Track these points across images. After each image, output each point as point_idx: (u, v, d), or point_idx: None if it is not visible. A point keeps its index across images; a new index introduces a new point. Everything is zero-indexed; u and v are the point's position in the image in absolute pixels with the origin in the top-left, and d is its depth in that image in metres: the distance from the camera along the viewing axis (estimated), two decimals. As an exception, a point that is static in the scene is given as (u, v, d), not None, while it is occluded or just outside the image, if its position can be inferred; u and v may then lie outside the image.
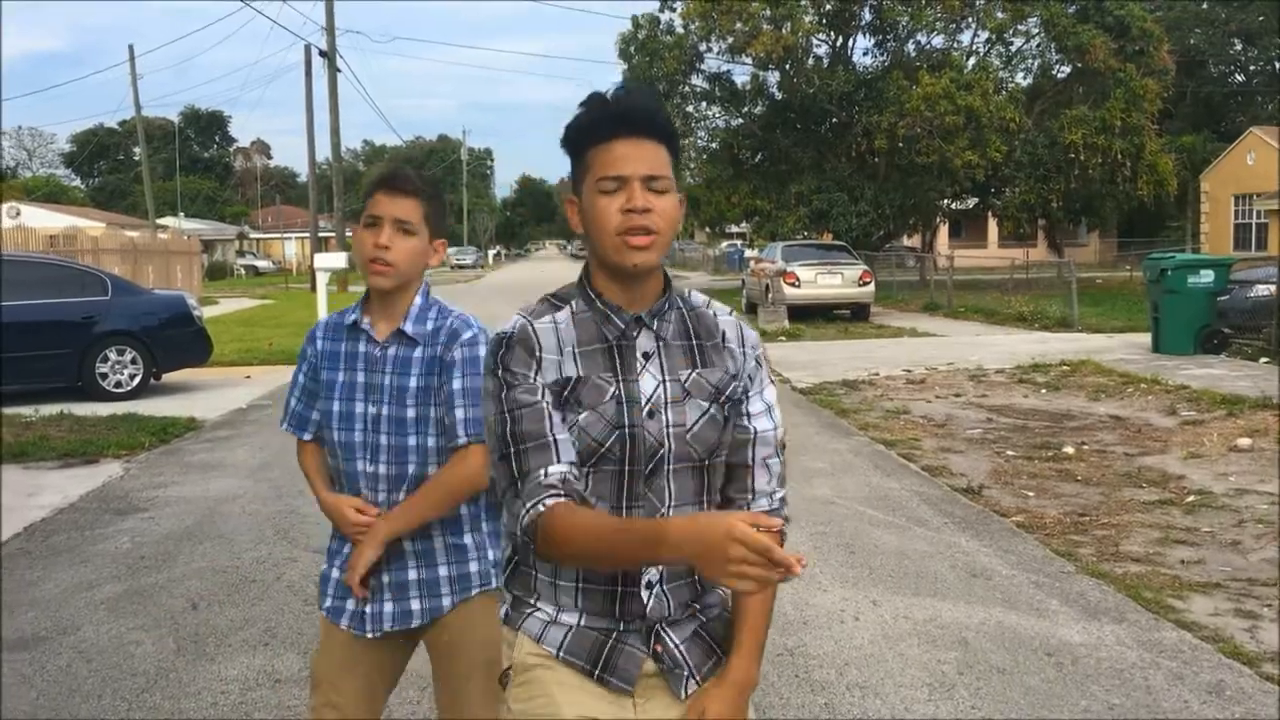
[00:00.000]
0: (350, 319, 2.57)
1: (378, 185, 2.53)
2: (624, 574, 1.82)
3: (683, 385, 1.86)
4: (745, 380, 1.93)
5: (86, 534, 6.73)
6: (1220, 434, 9.14)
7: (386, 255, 2.47)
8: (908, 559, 5.91)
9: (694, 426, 1.85)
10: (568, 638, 1.86)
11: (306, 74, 36.38)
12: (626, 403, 1.82)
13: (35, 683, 4.38)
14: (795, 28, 30.62)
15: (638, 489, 1.83)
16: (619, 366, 1.85)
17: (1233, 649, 4.57)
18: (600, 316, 1.87)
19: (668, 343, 1.88)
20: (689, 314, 1.93)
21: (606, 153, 1.80)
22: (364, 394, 2.53)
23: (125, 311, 12.60)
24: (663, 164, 1.82)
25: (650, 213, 1.79)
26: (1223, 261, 16.09)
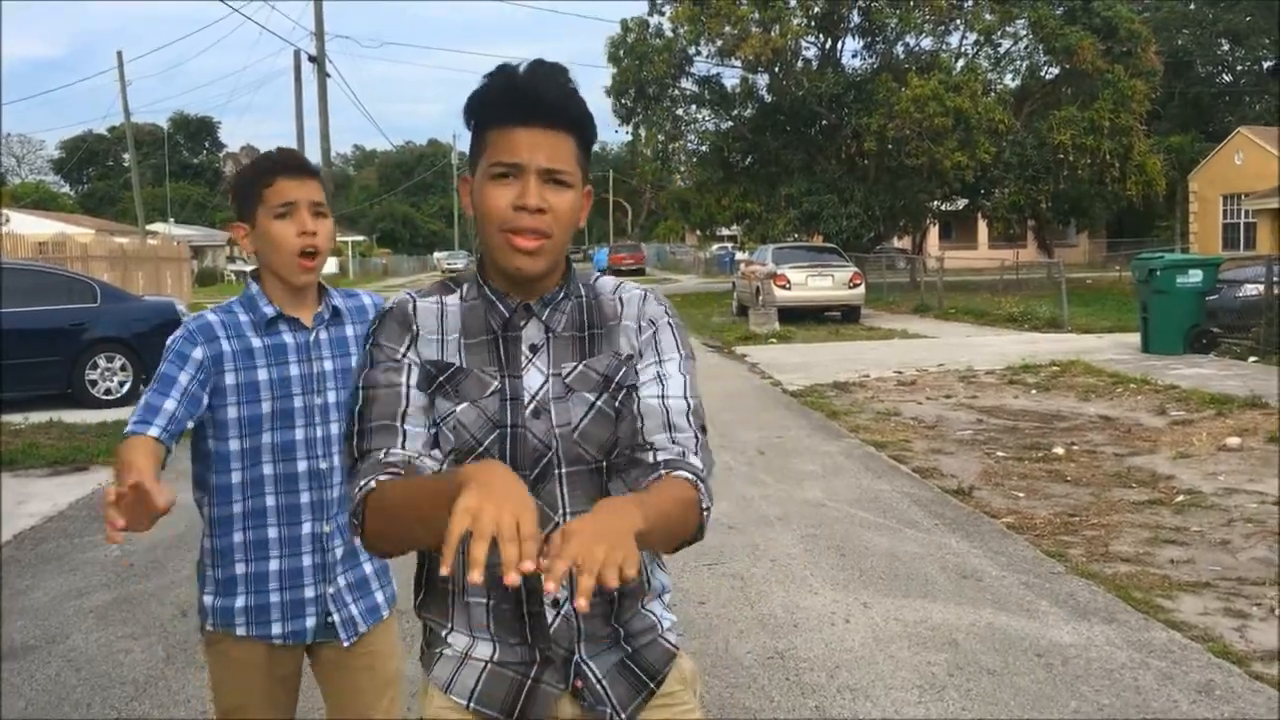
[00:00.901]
0: (269, 311, 2.33)
1: (277, 171, 2.28)
2: (527, 592, 1.64)
3: (564, 380, 1.69)
4: (637, 357, 1.74)
5: (76, 542, 6.70)
6: (1209, 433, 9.17)
7: (315, 242, 2.28)
8: (898, 561, 5.92)
9: (580, 424, 1.68)
10: (480, 683, 1.70)
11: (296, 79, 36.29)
12: (510, 400, 1.66)
13: (24, 692, 4.36)
14: (784, 30, 30.69)
15: None
16: (503, 359, 1.69)
17: (1222, 648, 4.58)
18: (487, 304, 1.71)
19: (557, 334, 1.72)
20: (590, 301, 1.77)
21: (505, 137, 1.63)
22: (301, 386, 2.33)
23: (115, 318, 12.56)
24: (566, 155, 1.64)
25: (543, 214, 1.62)
26: (1211, 261, 16.15)
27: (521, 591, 1.65)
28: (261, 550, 2.34)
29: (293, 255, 2.27)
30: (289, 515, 2.34)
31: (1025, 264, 35.08)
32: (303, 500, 2.34)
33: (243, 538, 2.34)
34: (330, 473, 2.35)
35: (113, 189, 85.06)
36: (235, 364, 2.30)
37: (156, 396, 2.23)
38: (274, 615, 2.34)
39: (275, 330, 2.34)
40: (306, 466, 2.33)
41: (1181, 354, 14.85)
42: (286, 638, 2.36)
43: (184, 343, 2.29)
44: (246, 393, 2.30)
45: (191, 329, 2.31)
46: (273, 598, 2.34)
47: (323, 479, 2.35)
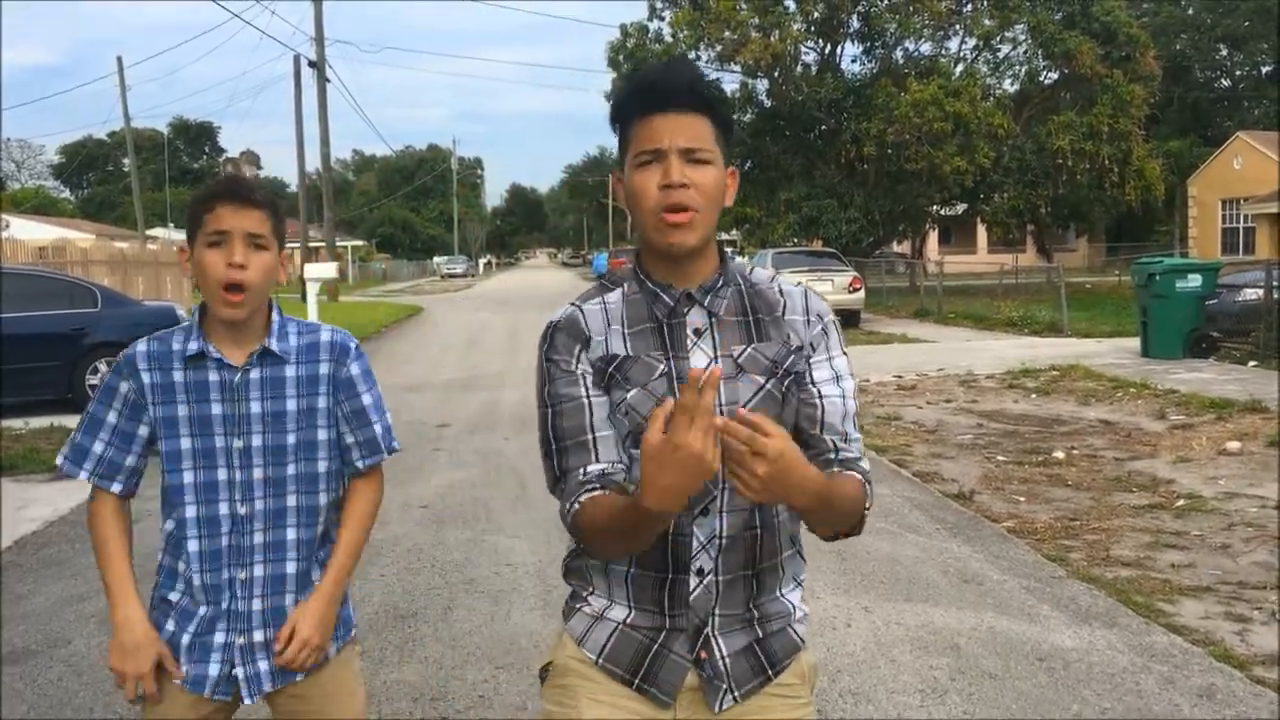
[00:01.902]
0: (192, 347, 2.19)
1: (218, 197, 2.16)
2: (674, 559, 1.76)
3: (736, 361, 1.78)
4: (808, 349, 1.84)
5: (77, 547, 6.70)
6: (1209, 438, 9.17)
7: (241, 276, 2.13)
8: (899, 565, 5.92)
9: (749, 403, 1.76)
10: (610, 641, 1.82)
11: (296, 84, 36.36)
12: (676, 379, 1.75)
13: (26, 696, 4.36)
14: (783, 35, 30.71)
15: None
16: (669, 344, 1.78)
17: (1223, 652, 4.59)
18: (650, 296, 1.81)
19: (721, 318, 1.80)
20: (748, 290, 1.86)
21: (645, 127, 1.74)
22: (223, 427, 2.20)
23: (115, 323, 12.55)
24: (703, 135, 1.75)
25: (687, 188, 1.72)
26: (1211, 266, 16.18)
27: (667, 557, 1.76)
28: (186, 589, 2.27)
29: (218, 287, 2.14)
30: (209, 559, 2.24)
31: (1024, 268, 35.13)
32: (222, 544, 2.23)
33: (172, 568, 2.30)
34: (250, 518, 2.22)
35: (113, 194, 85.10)
36: (155, 397, 2.21)
37: (85, 437, 2.23)
38: (179, 656, 2.25)
39: (199, 365, 2.21)
40: (228, 509, 2.22)
41: (1181, 358, 14.87)
42: (186, 683, 2.23)
43: (113, 376, 2.24)
44: (166, 427, 2.22)
45: (119, 362, 2.24)
46: (184, 638, 2.25)
47: (242, 525, 2.22)
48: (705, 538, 1.76)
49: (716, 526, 1.76)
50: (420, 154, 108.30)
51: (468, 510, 7.30)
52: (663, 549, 1.76)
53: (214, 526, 2.22)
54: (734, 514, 1.77)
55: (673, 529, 1.74)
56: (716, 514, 1.76)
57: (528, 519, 7.04)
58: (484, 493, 7.75)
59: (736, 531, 1.78)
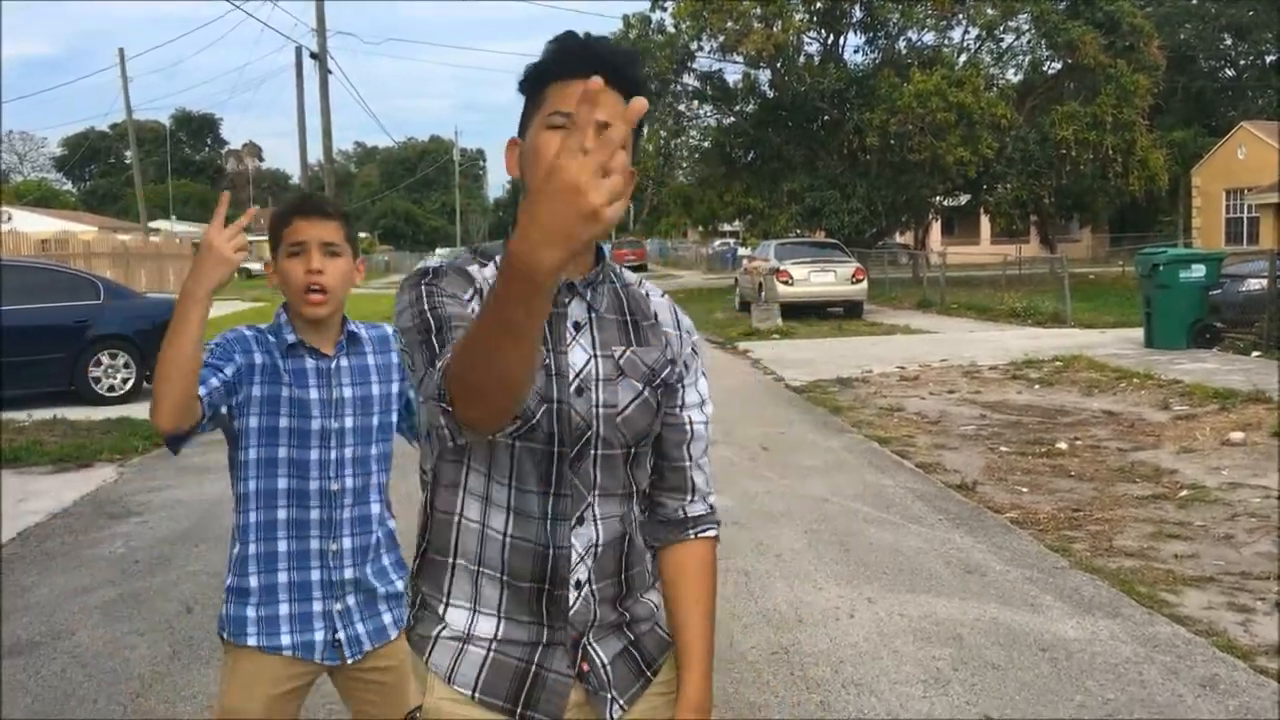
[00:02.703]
0: (289, 338, 2.42)
1: (294, 212, 2.41)
2: (553, 572, 1.65)
3: (616, 362, 1.68)
4: (680, 367, 1.76)
5: (80, 538, 6.72)
6: (1213, 428, 9.16)
7: (321, 280, 2.36)
8: (902, 556, 5.92)
9: (626, 409, 1.67)
10: (484, 670, 1.67)
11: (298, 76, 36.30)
12: (555, 376, 1.62)
13: (30, 688, 4.37)
14: (786, 26, 30.68)
15: (564, 473, 1.64)
16: (548, 335, 1.63)
17: (1227, 643, 4.58)
18: None
19: (601, 315, 1.70)
20: (622, 289, 1.76)
21: (566, 88, 1.59)
22: (319, 410, 2.41)
23: (118, 315, 12.56)
24: (615, 114, 1.51)
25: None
26: (1214, 256, 16.14)
27: (545, 569, 1.66)
28: (271, 563, 2.42)
29: (300, 292, 2.37)
30: (299, 529, 2.41)
31: (1028, 259, 35.06)
32: (312, 517, 2.41)
33: (256, 549, 2.42)
34: (341, 494, 2.43)
35: (115, 186, 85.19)
36: (262, 377, 2.40)
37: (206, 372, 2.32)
38: (283, 627, 2.41)
39: (297, 354, 2.43)
40: (319, 486, 2.41)
41: (1185, 349, 14.84)
42: (295, 649, 2.42)
43: (227, 344, 2.41)
44: (268, 405, 2.39)
45: (230, 337, 2.43)
46: (282, 609, 2.42)
47: (333, 499, 2.42)
48: (583, 548, 1.68)
49: (593, 535, 1.68)
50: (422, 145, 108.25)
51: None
52: (540, 560, 1.65)
53: (304, 499, 2.41)
54: (608, 521, 1.70)
55: (551, 540, 1.65)
56: (592, 522, 1.68)
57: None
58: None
59: (610, 538, 1.70)
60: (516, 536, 1.65)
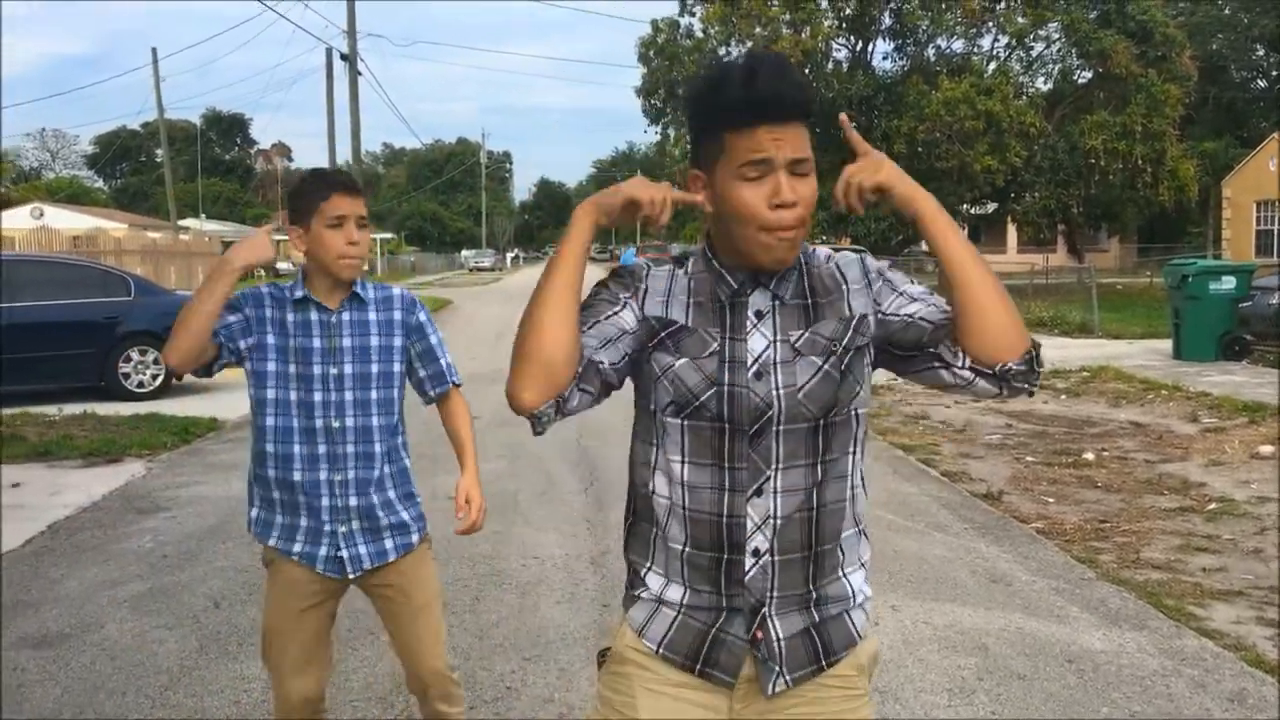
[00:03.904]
0: (298, 293, 2.79)
1: (334, 188, 2.75)
2: (729, 540, 1.76)
3: (793, 345, 1.77)
4: (873, 307, 1.81)
5: (110, 532, 6.78)
6: (1242, 441, 9.09)
7: (357, 250, 2.76)
8: (927, 564, 5.90)
9: (806, 385, 1.76)
10: (670, 632, 1.82)
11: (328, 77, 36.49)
12: (730, 362, 1.75)
13: (60, 679, 4.42)
14: (815, 32, 30.64)
15: (740, 449, 1.75)
16: (728, 323, 1.77)
17: (1255, 657, 4.55)
18: (715, 275, 1.80)
19: (784, 302, 1.79)
20: (810, 272, 1.83)
21: (748, 138, 1.69)
22: (321, 357, 2.79)
23: (148, 312, 12.67)
24: (805, 145, 1.72)
25: (797, 206, 1.70)
26: (1244, 268, 15.99)
27: (722, 538, 1.77)
28: (288, 488, 2.82)
29: (338, 257, 2.74)
30: (309, 462, 2.79)
31: (1055, 268, 34.87)
32: (320, 451, 2.79)
33: (274, 474, 2.82)
34: (343, 431, 2.80)
35: (145, 184, 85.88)
36: (271, 328, 2.79)
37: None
38: (297, 536, 2.84)
39: (305, 308, 2.80)
40: (323, 424, 2.79)
41: (1214, 361, 14.72)
42: (302, 558, 2.83)
43: (238, 298, 2.78)
44: (278, 353, 2.79)
45: (244, 292, 2.82)
46: (301, 521, 2.83)
47: (335, 436, 2.80)
48: (760, 518, 1.76)
49: (771, 507, 1.76)
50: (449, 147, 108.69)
51: (495, 502, 7.31)
52: (717, 529, 1.77)
53: (311, 436, 2.79)
54: (789, 494, 1.77)
55: (726, 510, 1.76)
56: (770, 494, 1.76)
57: (555, 512, 7.06)
58: (511, 485, 7.78)
59: (791, 511, 1.77)
60: (694, 509, 1.78)
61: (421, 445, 2.68)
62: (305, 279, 2.82)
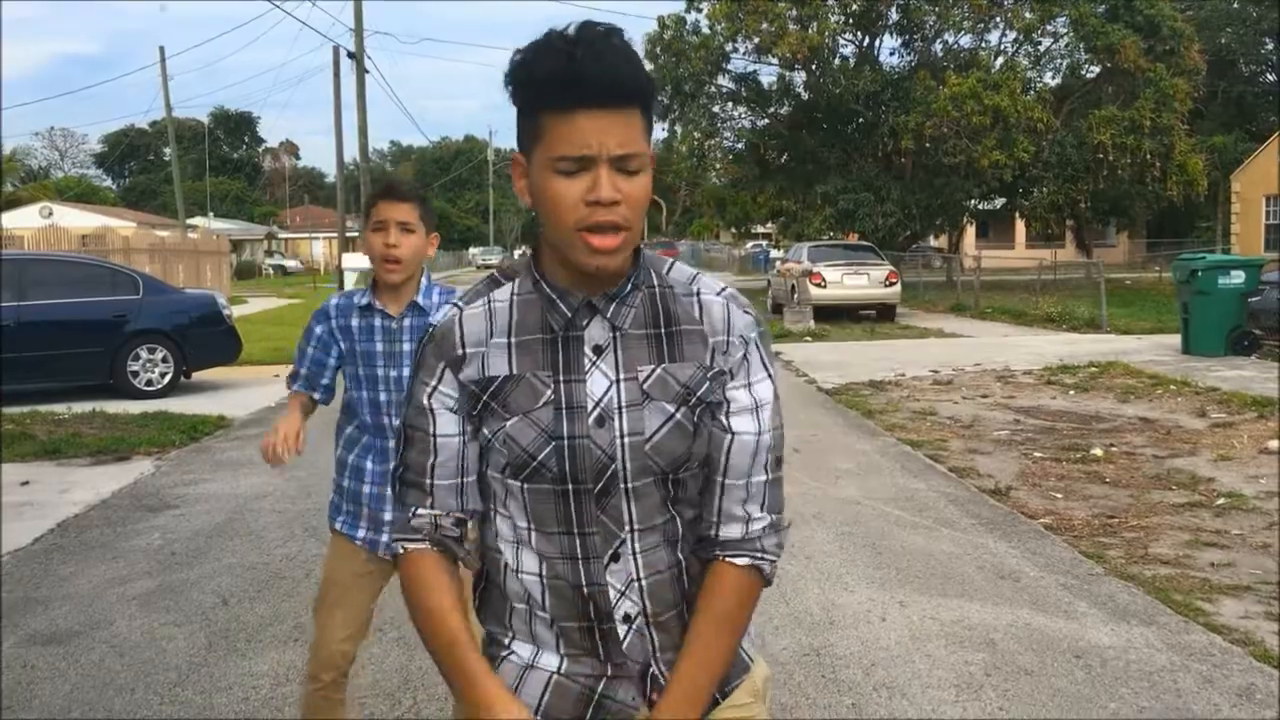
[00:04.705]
0: (363, 301, 3.03)
1: (379, 195, 2.99)
2: (595, 609, 1.57)
3: (641, 385, 1.53)
4: (727, 375, 1.58)
5: (119, 530, 6.80)
6: (1251, 436, 9.07)
7: (396, 253, 2.93)
8: (935, 560, 5.90)
9: (654, 436, 1.53)
10: (547, 693, 1.60)
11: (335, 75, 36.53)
12: (567, 409, 1.52)
13: (69, 676, 4.43)
14: (821, 27, 30.58)
15: (587, 511, 1.54)
16: (561, 363, 1.53)
17: (1263, 652, 4.53)
18: (545, 300, 1.55)
19: (625, 333, 1.54)
20: (663, 294, 1.58)
21: (565, 124, 1.43)
22: (384, 361, 3.02)
23: (156, 310, 12.72)
24: (635, 137, 1.45)
25: (618, 205, 1.45)
26: (1254, 262, 15.93)
27: (588, 608, 1.57)
28: (359, 475, 3.07)
29: (380, 260, 2.96)
30: (380, 455, 3.03)
31: (1063, 264, 34.72)
32: (390, 445, 2.97)
33: (353, 458, 3.09)
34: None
35: (153, 183, 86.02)
36: (343, 336, 3.08)
37: (296, 363, 3.17)
38: (361, 523, 3.07)
39: (369, 315, 3.04)
40: (387, 421, 3.01)
41: (1222, 356, 14.68)
42: (365, 543, 3.06)
43: (312, 320, 3.14)
44: (348, 358, 3.08)
45: (317, 310, 3.15)
46: (363, 511, 3.07)
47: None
48: (622, 585, 1.57)
49: (632, 570, 1.57)
50: (457, 145, 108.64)
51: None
52: (580, 599, 1.57)
53: (382, 432, 3.02)
54: (649, 553, 1.57)
55: (585, 579, 1.56)
56: (629, 557, 1.57)
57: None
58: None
59: (656, 571, 1.58)
60: (549, 577, 1.58)
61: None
62: (374, 286, 3.06)
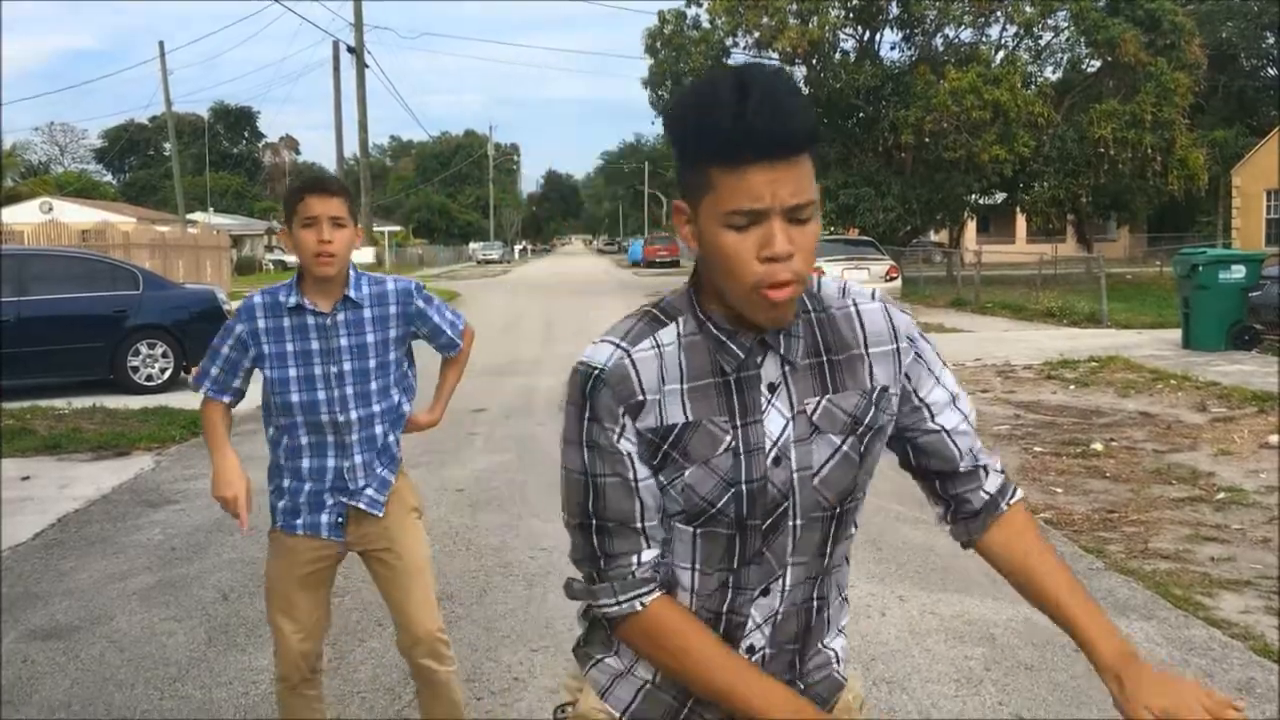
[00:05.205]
0: (291, 301, 2.92)
1: (307, 190, 2.88)
2: (726, 635, 1.55)
3: (810, 418, 1.49)
4: (900, 381, 1.57)
5: (119, 525, 6.81)
6: (1251, 431, 9.07)
7: (330, 249, 2.85)
8: (935, 555, 5.90)
9: (822, 469, 1.50)
10: (636, 700, 1.59)
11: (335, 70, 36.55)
12: (746, 453, 1.47)
13: (69, 671, 4.44)
14: (822, 22, 30.55)
15: (753, 546, 1.51)
16: (737, 407, 1.48)
17: (1263, 646, 4.54)
18: (714, 342, 1.48)
19: (795, 366, 1.49)
20: (819, 318, 1.53)
21: (736, 177, 1.36)
22: (321, 358, 2.94)
23: (156, 305, 12.72)
24: (807, 185, 1.38)
25: (793, 258, 1.38)
26: (1254, 257, 15.93)
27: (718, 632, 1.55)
28: (297, 475, 3.02)
29: (312, 256, 2.86)
30: (318, 451, 2.99)
31: (1064, 258, 34.73)
32: (328, 440, 2.98)
33: (286, 461, 3.03)
34: (349, 424, 2.97)
35: (154, 178, 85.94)
36: (268, 338, 2.94)
37: (207, 362, 3.01)
38: (300, 515, 3.03)
39: (298, 314, 2.94)
40: (328, 418, 2.95)
41: (1223, 350, 14.67)
42: (306, 528, 3.02)
43: (232, 320, 2.99)
44: (277, 360, 2.94)
45: (239, 309, 2.98)
46: (300, 501, 3.03)
47: (342, 428, 2.97)
48: (762, 618, 1.56)
49: (776, 604, 1.56)
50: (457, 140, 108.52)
51: (503, 494, 7.34)
52: (714, 625, 1.55)
53: (319, 429, 2.96)
54: (795, 589, 1.57)
55: (728, 608, 1.54)
56: (778, 593, 1.56)
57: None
58: (519, 477, 7.78)
59: (794, 606, 1.58)
60: (696, 608, 1.55)
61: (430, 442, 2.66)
62: (300, 281, 2.95)
